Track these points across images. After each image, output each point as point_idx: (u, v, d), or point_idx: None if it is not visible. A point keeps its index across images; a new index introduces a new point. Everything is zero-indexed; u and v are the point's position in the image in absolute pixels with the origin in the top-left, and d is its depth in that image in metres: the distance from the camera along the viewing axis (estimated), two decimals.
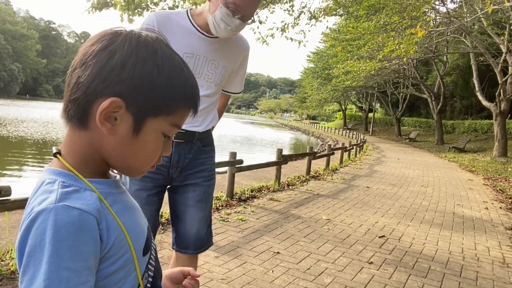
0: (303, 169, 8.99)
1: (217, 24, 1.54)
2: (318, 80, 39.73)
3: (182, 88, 0.65)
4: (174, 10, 1.56)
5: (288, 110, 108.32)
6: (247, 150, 18.88)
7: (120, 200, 0.67)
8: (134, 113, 0.62)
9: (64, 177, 0.61)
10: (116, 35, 0.63)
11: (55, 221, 0.54)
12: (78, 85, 0.61)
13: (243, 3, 1.49)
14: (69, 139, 0.65)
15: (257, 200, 5.72)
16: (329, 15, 10.06)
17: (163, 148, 0.68)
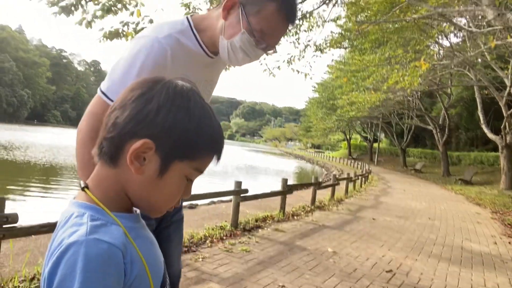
0: (308, 199, 8.92)
1: (233, 53, 1.27)
2: (323, 110, 40.08)
3: (209, 136, 0.69)
4: (177, 27, 1.27)
5: (292, 138, 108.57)
6: (251, 178, 18.83)
7: (141, 234, 0.70)
8: (162, 155, 0.66)
9: (92, 210, 0.65)
10: (156, 83, 0.69)
11: (86, 253, 0.57)
12: (115, 125, 0.66)
13: (272, 32, 1.24)
14: (98, 174, 0.70)
15: (261, 230, 5.66)
16: (334, 48, 10.30)
17: (184, 190, 0.72)
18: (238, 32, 1.22)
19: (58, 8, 5.68)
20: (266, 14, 1.20)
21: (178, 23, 1.28)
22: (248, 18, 1.21)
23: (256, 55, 1.29)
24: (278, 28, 1.25)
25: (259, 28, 1.21)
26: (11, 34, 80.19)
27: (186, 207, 7.19)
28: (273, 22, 1.22)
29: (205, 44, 1.31)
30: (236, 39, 1.23)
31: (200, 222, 5.99)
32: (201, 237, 4.81)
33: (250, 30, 1.21)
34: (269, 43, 1.26)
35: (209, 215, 6.75)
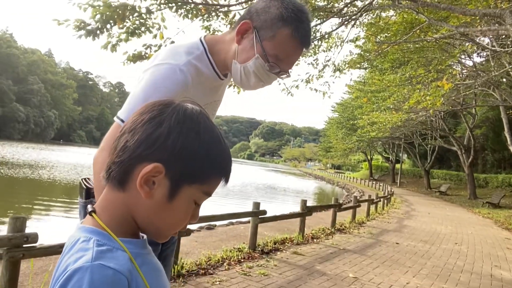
0: (328, 221, 8.72)
1: (245, 77, 1.26)
2: (343, 130, 39.76)
3: (218, 160, 0.69)
4: (194, 52, 1.27)
5: (312, 159, 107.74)
6: (270, 199, 18.66)
7: (148, 261, 0.69)
8: (172, 179, 0.65)
9: (98, 235, 0.64)
10: (166, 106, 0.68)
11: (91, 280, 0.56)
12: (125, 149, 0.66)
13: (286, 57, 1.22)
14: (105, 198, 0.69)
15: (280, 253, 5.54)
16: (353, 68, 10.26)
17: (192, 214, 0.71)
18: (252, 57, 1.22)
19: (84, 32, 5.89)
20: (280, 39, 1.20)
21: (194, 47, 1.27)
22: (262, 43, 1.20)
23: (269, 80, 1.28)
24: (292, 53, 1.24)
25: (274, 53, 1.20)
26: (41, 57, 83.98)
27: (204, 228, 7.15)
28: (288, 47, 1.21)
29: (218, 67, 1.31)
30: (250, 64, 1.23)
31: (218, 244, 5.92)
32: (218, 259, 4.74)
33: (264, 55, 1.21)
34: (283, 68, 1.25)
35: (227, 236, 6.68)
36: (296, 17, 1.19)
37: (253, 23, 1.21)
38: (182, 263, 4.32)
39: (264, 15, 1.21)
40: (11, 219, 2.97)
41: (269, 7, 1.21)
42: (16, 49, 74.78)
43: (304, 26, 1.21)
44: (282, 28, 1.18)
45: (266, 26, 1.19)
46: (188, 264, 4.42)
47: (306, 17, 1.22)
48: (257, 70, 1.23)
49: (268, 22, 1.19)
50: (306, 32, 1.21)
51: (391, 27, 10.00)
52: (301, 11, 1.21)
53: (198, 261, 4.62)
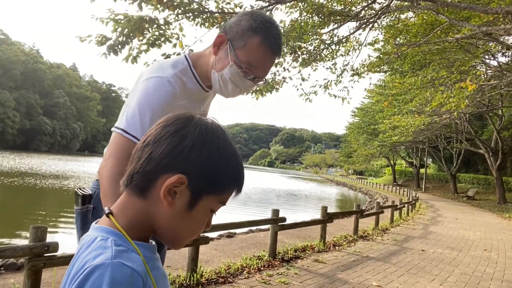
0: (350, 228, 8.54)
1: (223, 84, 1.37)
2: (364, 135, 39.14)
3: (235, 172, 0.73)
4: (179, 66, 1.37)
5: (333, 165, 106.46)
6: (291, 206, 18.50)
7: (157, 266, 0.71)
8: (193, 190, 0.69)
9: (115, 236, 0.66)
10: (188, 120, 0.72)
11: (111, 277, 0.57)
12: (150, 160, 0.69)
13: (258, 63, 1.33)
14: (123, 203, 0.72)
15: (301, 261, 5.44)
16: (372, 72, 10.10)
17: (207, 222, 0.75)
18: (227, 65, 1.34)
19: (106, 48, 6.04)
20: (251, 47, 1.31)
21: (179, 62, 1.39)
22: (236, 51, 1.32)
23: (245, 86, 1.38)
24: (263, 59, 1.34)
25: (246, 60, 1.31)
26: (66, 71, 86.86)
27: (223, 236, 7.12)
28: (258, 54, 1.32)
29: (201, 79, 1.43)
30: (226, 71, 1.34)
31: (238, 252, 5.88)
32: (238, 267, 4.70)
33: (237, 62, 1.32)
34: (257, 74, 1.36)
35: (247, 244, 6.62)
36: (265, 27, 1.31)
37: (227, 36, 1.34)
38: (202, 271, 4.30)
39: (236, 28, 1.33)
40: (32, 229, 3.02)
41: (240, 20, 1.34)
42: (42, 64, 77.60)
43: (272, 35, 1.32)
44: (252, 37, 1.30)
45: (238, 37, 1.31)
46: (208, 272, 4.40)
47: (274, 27, 1.33)
48: (233, 77, 1.34)
49: (240, 33, 1.31)
50: (275, 40, 1.32)
51: (411, 29, 9.80)
52: (269, 22, 1.33)
53: (217, 269, 4.59)
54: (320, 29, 7.93)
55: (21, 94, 67.99)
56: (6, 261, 4.21)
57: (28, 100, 68.75)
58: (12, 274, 4.12)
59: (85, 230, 1.29)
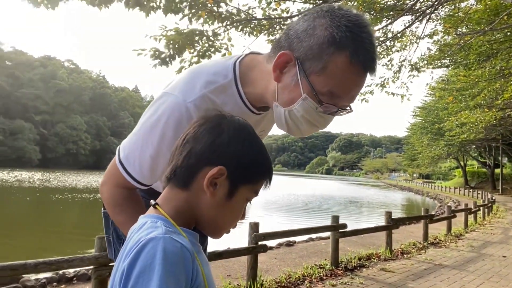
0: (419, 235, 7.97)
1: (293, 124, 1.00)
2: (428, 135, 36.91)
3: (266, 163, 0.81)
4: (218, 81, 1.03)
5: (396, 169, 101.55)
6: (353, 213, 17.83)
7: (201, 251, 0.76)
8: (231, 180, 0.77)
9: (164, 221, 0.72)
10: (222, 118, 0.81)
11: (164, 248, 0.63)
12: (191, 155, 0.77)
13: (344, 91, 0.93)
14: (167, 195, 0.79)
15: (366, 270, 5.13)
16: (432, 65, 9.45)
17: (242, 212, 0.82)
18: (297, 98, 0.95)
19: (158, 60, 6.30)
20: (334, 71, 0.90)
21: (220, 74, 1.04)
22: (310, 78, 0.92)
23: (324, 123, 1.01)
24: (352, 84, 0.93)
25: (327, 90, 0.92)
26: (129, 94, 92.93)
27: (283, 245, 6.98)
28: (346, 79, 0.91)
29: (251, 100, 1.06)
30: (296, 107, 0.96)
31: (298, 261, 5.71)
32: (299, 277, 4.54)
33: (314, 95, 0.93)
34: (342, 105, 0.97)
35: (307, 253, 6.42)
36: (353, 35, 0.89)
37: (294, 53, 0.93)
38: (262, 280, 4.21)
39: (308, 41, 0.91)
40: (97, 239, 3.14)
41: (314, 28, 0.91)
42: (108, 88, 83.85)
43: (365, 46, 0.90)
44: (335, 54, 0.89)
45: (312, 55, 0.91)
46: (268, 281, 4.29)
47: (366, 32, 0.91)
48: (307, 114, 0.96)
49: (315, 50, 0.90)
50: (369, 54, 0.91)
51: (473, 16, 9.05)
52: (359, 25, 0.90)
53: (277, 278, 4.47)
54: (372, 26, 7.61)
55: (91, 117, 73.91)
56: (77, 272, 4.44)
57: (97, 122, 74.50)
58: (83, 284, 4.34)
59: (108, 233, 1.24)
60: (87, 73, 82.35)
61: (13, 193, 20.25)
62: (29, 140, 61.79)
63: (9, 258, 7.20)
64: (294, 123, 1.00)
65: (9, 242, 8.90)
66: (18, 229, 10.76)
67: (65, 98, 69.88)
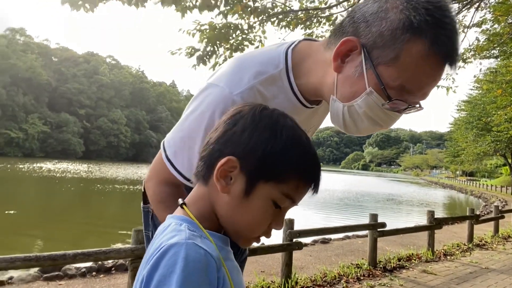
0: (463, 236, 7.56)
1: (351, 120, 0.88)
2: (473, 131, 35.02)
3: (297, 158, 0.67)
4: (268, 71, 0.91)
5: (437, 166, 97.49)
6: (391, 211, 17.28)
7: (230, 258, 0.71)
8: (247, 174, 0.67)
9: (188, 223, 0.67)
10: (246, 107, 0.72)
11: (186, 255, 0.58)
12: (207, 145, 0.71)
13: (419, 86, 0.80)
14: (195, 193, 0.73)
15: (406, 271, 4.91)
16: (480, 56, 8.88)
17: (274, 219, 0.69)
18: (360, 92, 0.83)
19: (196, 59, 6.33)
20: (408, 61, 0.77)
21: (271, 63, 0.93)
22: (378, 69, 0.80)
23: (389, 122, 0.87)
24: (428, 78, 0.79)
25: (398, 84, 0.79)
26: (167, 88, 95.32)
27: (318, 242, 6.84)
28: (421, 71, 0.78)
29: (303, 92, 0.95)
30: (358, 102, 0.84)
31: (334, 259, 5.56)
32: (334, 276, 4.41)
33: (382, 89, 0.80)
34: (413, 101, 0.83)
35: (343, 251, 6.25)
36: (434, 20, 0.75)
37: (360, 40, 0.81)
38: (296, 278, 4.13)
39: (378, 25, 0.79)
40: (134, 232, 3.18)
41: (386, 10, 0.78)
42: (147, 83, 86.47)
43: (447, 33, 0.75)
44: (410, 42, 0.76)
45: (382, 43, 0.78)
46: (303, 279, 4.20)
47: (449, 18, 0.76)
48: (370, 111, 0.84)
49: (386, 36, 0.78)
50: (452, 42, 0.76)
51: None
52: (441, 7, 0.76)
53: (313, 276, 4.37)
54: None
55: (131, 111, 76.55)
56: (116, 262, 4.56)
57: (137, 116, 77.04)
58: (121, 274, 4.44)
59: (147, 229, 1.17)
60: (127, 68, 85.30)
61: (59, 184, 21.35)
62: (74, 133, 65.04)
63: (51, 246, 7.57)
64: (353, 120, 0.88)
65: (52, 231, 9.36)
66: (61, 218, 11.30)
67: (107, 93, 72.85)
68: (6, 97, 56.86)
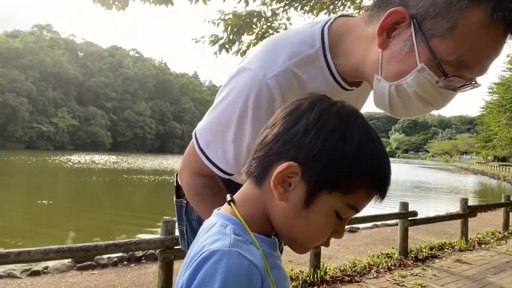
0: (497, 223, 7.28)
1: (399, 101, 0.79)
2: (506, 114, 33.59)
3: (369, 167, 0.59)
4: (303, 51, 0.83)
5: (467, 151, 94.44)
6: (420, 198, 16.88)
7: (277, 265, 0.64)
8: (309, 182, 0.59)
9: (235, 225, 0.61)
10: (309, 101, 0.63)
11: (227, 266, 0.53)
12: (263, 145, 0.63)
13: (478, 59, 0.72)
14: (245, 192, 0.66)
15: (438, 261, 4.77)
16: None
17: (335, 229, 0.62)
18: (410, 69, 0.74)
19: (218, 47, 6.29)
20: (466, 32, 0.69)
21: (306, 44, 0.86)
22: (430, 42, 0.71)
23: (443, 102, 0.78)
24: (489, 50, 0.71)
25: (454, 58, 0.70)
26: (189, 79, 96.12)
27: (346, 231, 6.75)
28: (481, 43, 0.70)
29: (342, 73, 0.87)
30: (408, 81, 0.75)
31: (362, 248, 5.47)
32: (364, 266, 4.33)
33: (437, 64, 0.71)
34: (470, 78, 0.74)
35: (372, 240, 6.14)
36: None
37: (409, 10, 0.73)
38: (325, 268, 4.07)
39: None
40: (163, 223, 3.20)
41: None
42: (170, 75, 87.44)
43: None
44: (468, 10, 0.68)
45: (435, 12, 0.70)
46: (332, 269, 4.15)
47: None
48: (421, 90, 0.75)
49: (440, 4, 0.70)
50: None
51: None
52: None
53: (342, 266, 4.30)
54: None
55: (155, 103, 77.80)
56: (146, 252, 4.64)
57: (161, 108, 78.25)
58: (151, 263, 4.52)
59: (181, 224, 1.13)
60: (150, 61, 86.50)
61: (88, 175, 22.04)
62: (102, 126, 66.83)
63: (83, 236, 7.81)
64: (402, 101, 0.79)
65: (83, 221, 9.66)
66: (91, 209, 11.66)
67: (132, 85, 74.25)
68: (36, 92, 58.90)
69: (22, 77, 57.10)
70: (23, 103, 55.39)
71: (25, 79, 57.62)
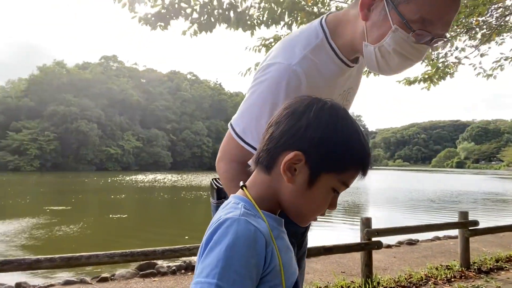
0: None
1: (384, 60, 1.00)
2: None
3: (355, 151, 0.75)
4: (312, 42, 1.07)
5: None
6: (490, 211, 15.61)
7: (282, 237, 0.78)
8: (311, 167, 0.74)
9: (246, 203, 0.76)
10: (306, 102, 0.78)
11: (236, 230, 0.67)
12: (271, 139, 0.77)
13: (438, 16, 0.91)
14: (254, 179, 0.82)
15: (505, 273, 4.45)
16: None
17: (331, 202, 0.79)
18: (387, 31, 0.95)
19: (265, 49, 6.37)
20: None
21: (312, 36, 1.07)
22: (399, 7, 0.93)
23: (418, 55, 0.98)
24: (445, 6, 0.91)
25: (418, 16, 0.91)
26: (243, 98, 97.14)
27: (404, 243, 6.51)
28: (437, 1, 0.90)
29: (343, 52, 1.09)
30: (387, 41, 0.96)
31: (421, 261, 5.25)
32: (421, 277, 4.18)
33: (404, 23, 0.92)
34: (436, 32, 0.94)
35: (432, 252, 5.85)
36: None
37: None
38: (378, 279, 4.00)
39: None
40: None
41: None
42: (224, 95, 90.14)
43: None
44: None
45: None
46: (385, 280, 4.06)
47: None
48: (398, 46, 0.96)
49: None
50: None
51: None
52: None
53: (396, 277, 4.19)
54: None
55: (211, 122, 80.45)
56: None
57: (217, 126, 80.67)
58: None
59: None
60: (206, 82, 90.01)
61: (152, 192, 23.30)
62: (163, 146, 70.32)
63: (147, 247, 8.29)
64: (385, 59, 1.00)
65: (147, 234, 10.26)
66: (155, 223, 12.33)
67: (189, 107, 77.65)
68: (105, 118, 63.77)
69: (92, 105, 62.28)
70: (94, 128, 60.18)
71: (95, 106, 62.76)
